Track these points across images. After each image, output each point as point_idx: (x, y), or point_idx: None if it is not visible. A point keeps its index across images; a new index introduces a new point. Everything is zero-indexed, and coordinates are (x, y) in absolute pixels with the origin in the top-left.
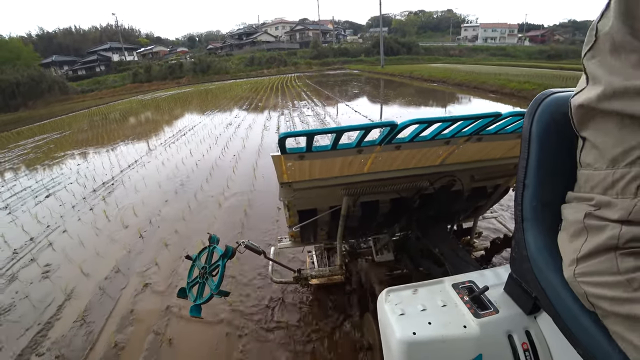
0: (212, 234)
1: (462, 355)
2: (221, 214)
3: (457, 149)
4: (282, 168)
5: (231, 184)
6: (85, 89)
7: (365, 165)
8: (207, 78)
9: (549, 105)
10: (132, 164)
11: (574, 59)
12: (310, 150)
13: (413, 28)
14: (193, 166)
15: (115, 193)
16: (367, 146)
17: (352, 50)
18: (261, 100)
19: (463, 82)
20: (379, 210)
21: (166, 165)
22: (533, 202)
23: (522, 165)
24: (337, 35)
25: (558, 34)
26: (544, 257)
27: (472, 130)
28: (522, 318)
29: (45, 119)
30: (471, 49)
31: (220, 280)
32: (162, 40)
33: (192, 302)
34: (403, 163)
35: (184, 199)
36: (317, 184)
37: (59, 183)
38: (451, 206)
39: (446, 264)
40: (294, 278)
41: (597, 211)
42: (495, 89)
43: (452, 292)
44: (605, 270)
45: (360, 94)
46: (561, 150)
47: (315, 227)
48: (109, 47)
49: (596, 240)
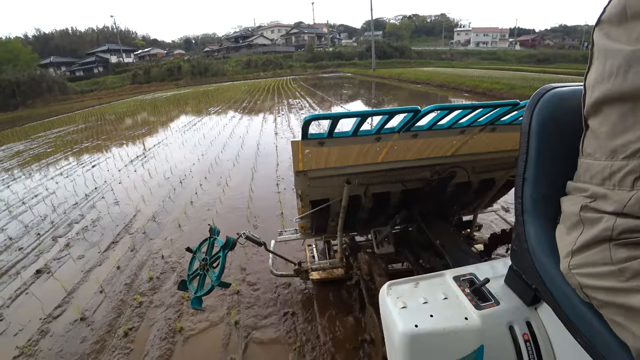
0: (213, 226)
1: (464, 347)
2: (235, 170)
3: (471, 139)
4: (299, 156)
5: (242, 152)
6: (84, 90)
7: (380, 154)
8: (205, 80)
9: (549, 99)
10: (157, 144)
11: (562, 63)
12: (331, 136)
13: (407, 32)
14: (209, 144)
15: (149, 162)
16: (386, 133)
17: (346, 54)
18: (259, 99)
19: (444, 83)
20: (390, 201)
21: (186, 145)
22: (533, 195)
23: (522, 159)
24: (332, 38)
25: (548, 38)
26: (544, 249)
27: (488, 120)
28: (522, 309)
29: (47, 117)
30: (463, 52)
31: (221, 271)
32: (159, 43)
33: (193, 294)
34: (417, 153)
35: (206, 162)
36: (331, 173)
37: (98, 159)
38: (459, 198)
39: (447, 256)
40: (295, 271)
41: (593, 203)
42: (470, 89)
43: (453, 284)
44: (599, 261)
45: (351, 94)
46: (560, 144)
47: (327, 218)
48: (107, 49)
49: (591, 232)
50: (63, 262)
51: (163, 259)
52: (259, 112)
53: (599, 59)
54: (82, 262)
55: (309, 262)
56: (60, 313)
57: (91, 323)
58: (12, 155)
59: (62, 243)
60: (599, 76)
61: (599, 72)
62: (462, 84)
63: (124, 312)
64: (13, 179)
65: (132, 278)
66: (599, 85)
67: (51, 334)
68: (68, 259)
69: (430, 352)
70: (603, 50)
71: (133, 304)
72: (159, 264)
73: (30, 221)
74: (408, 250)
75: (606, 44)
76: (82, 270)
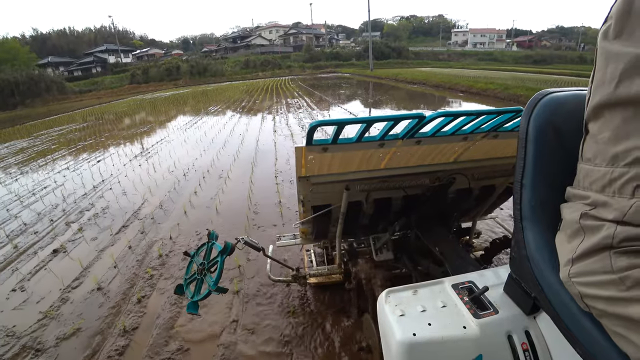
0: (211, 230)
1: (462, 356)
2: (236, 164)
3: (472, 146)
4: (302, 161)
5: (242, 148)
6: (83, 90)
7: (383, 160)
8: (203, 80)
9: (546, 105)
10: (159, 141)
11: (558, 64)
12: (335, 142)
13: (405, 33)
14: (211, 141)
15: (153, 158)
16: (390, 140)
17: (344, 54)
18: (258, 99)
19: (440, 83)
20: (392, 207)
21: (188, 142)
22: (531, 201)
23: (520, 165)
24: (330, 39)
25: (545, 39)
26: (543, 256)
27: (491, 127)
28: (521, 318)
29: (47, 116)
30: (460, 53)
31: (218, 276)
32: (157, 43)
33: (190, 298)
34: (419, 160)
35: (208, 157)
36: (334, 179)
37: (102, 155)
38: (459, 205)
39: (446, 263)
40: (292, 276)
41: (593, 210)
42: (465, 89)
43: (452, 292)
44: (599, 270)
45: (349, 94)
46: (558, 149)
47: (328, 223)
48: (105, 49)
49: (592, 240)
50: (77, 243)
51: (171, 239)
52: (257, 111)
53: (602, 63)
54: (95, 243)
55: (307, 267)
56: (78, 285)
57: (107, 292)
58: (16, 151)
59: (75, 228)
60: (600, 80)
61: (601, 75)
62: (458, 84)
63: (137, 283)
64: (20, 173)
65: (142, 255)
66: (601, 89)
67: (71, 301)
68: (82, 241)
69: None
70: (606, 53)
71: (145, 276)
72: (167, 244)
73: (42, 209)
74: (407, 257)
75: (609, 47)
76: (96, 249)
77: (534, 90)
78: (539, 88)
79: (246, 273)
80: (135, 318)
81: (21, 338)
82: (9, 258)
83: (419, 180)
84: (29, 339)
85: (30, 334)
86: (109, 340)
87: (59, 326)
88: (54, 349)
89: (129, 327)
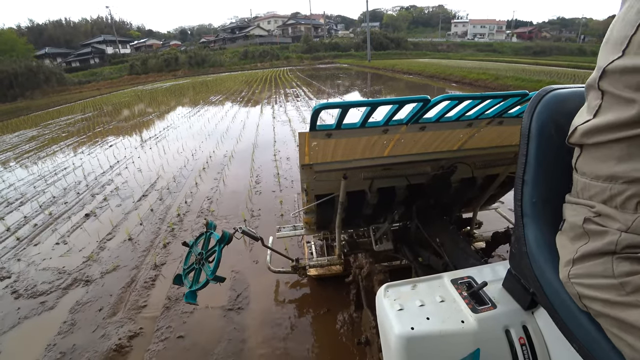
0: (210, 220)
1: (460, 350)
2: (239, 146)
3: (477, 133)
4: (306, 149)
5: (244, 132)
6: (82, 81)
7: (387, 148)
8: (202, 71)
9: (549, 101)
10: (166, 127)
11: (558, 55)
12: (339, 127)
13: (404, 23)
14: (214, 127)
15: (162, 142)
16: (394, 125)
17: (343, 45)
18: (257, 89)
19: (434, 74)
20: (395, 196)
21: (193, 127)
22: (533, 198)
23: (522, 162)
24: (329, 29)
25: (545, 30)
26: (543, 253)
27: (496, 113)
28: (519, 313)
29: (48, 107)
30: (459, 44)
31: (216, 265)
32: (154, 33)
33: (188, 288)
34: (423, 147)
35: (213, 140)
36: (337, 167)
37: (113, 140)
38: (463, 194)
39: (446, 255)
40: (292, 267)
41: (597, 218)
42: (458, 79)
43: (450, 287)
44: (600, 273)
45: (347, 85)
46: (561, 147)
47: (332, 213)
48: (103, 40)
49: (595, 244)
50: (105, 209)
51: (186, 203)
52: (257, 100)
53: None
54: (120, 208)
55: (307, 258)
56: (111, 237)
57: (137, 241)
58: (28, 139)
59: (99, 198)
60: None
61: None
62: (452, 74)
63: (160, 234)
64: (38, 158)
65: (163, 215)
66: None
67: (108, 249)
68: (108, 207)
69: (426, 355)
70: (614, 96)
71: (167, 229)
72: (183, 207)
73: (66, 186)
74: (407, 247)
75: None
76: (122, 213)
77: (524, 81)
78: (529, 78)
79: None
80: (162, 257)
81: (72, 274)
82: (47, 222)
83: (422, 168)
84: (79, 274)
85: (79, 271)
86: (142, 272)
87: (101, 265)
88: (100, 279)
89: (158, 263)
